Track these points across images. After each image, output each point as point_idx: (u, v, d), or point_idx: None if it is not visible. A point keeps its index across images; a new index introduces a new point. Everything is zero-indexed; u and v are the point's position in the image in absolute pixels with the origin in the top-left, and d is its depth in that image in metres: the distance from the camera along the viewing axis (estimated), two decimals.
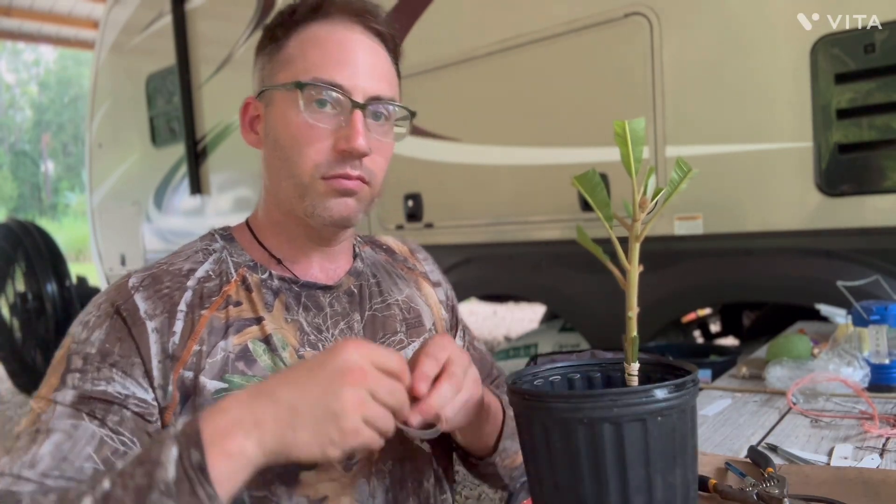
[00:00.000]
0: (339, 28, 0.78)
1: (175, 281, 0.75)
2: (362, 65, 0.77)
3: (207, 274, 0.78)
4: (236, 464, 0.56)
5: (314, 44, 0.77)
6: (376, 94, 0.77)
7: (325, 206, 0.76)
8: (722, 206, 1.99)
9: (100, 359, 0.69)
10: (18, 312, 4.59)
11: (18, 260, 4.54)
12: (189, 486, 0.53)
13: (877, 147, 1.75)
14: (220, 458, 0.55)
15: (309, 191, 0.76)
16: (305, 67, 0.76)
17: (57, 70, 28.34)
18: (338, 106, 0.76)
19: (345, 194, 0.76)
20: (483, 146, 2.52)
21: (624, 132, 0.56)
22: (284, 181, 0.78)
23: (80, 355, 0.69)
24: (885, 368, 1.17)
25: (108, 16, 4.46)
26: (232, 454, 0.55)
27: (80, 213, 20.27)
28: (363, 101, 0.76)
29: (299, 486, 0.73)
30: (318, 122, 0.75)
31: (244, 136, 0.84)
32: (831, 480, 0.78)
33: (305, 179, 0.76)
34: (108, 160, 4.58)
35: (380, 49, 0.80)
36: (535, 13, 2.34)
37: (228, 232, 0.85)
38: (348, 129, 0.75)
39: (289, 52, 0.78)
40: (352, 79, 0.76)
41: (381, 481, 0.79)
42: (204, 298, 0.75)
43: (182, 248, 0.82)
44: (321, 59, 0.76)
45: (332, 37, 0.77)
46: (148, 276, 0.75)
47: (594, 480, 0.56)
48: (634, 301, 0.58)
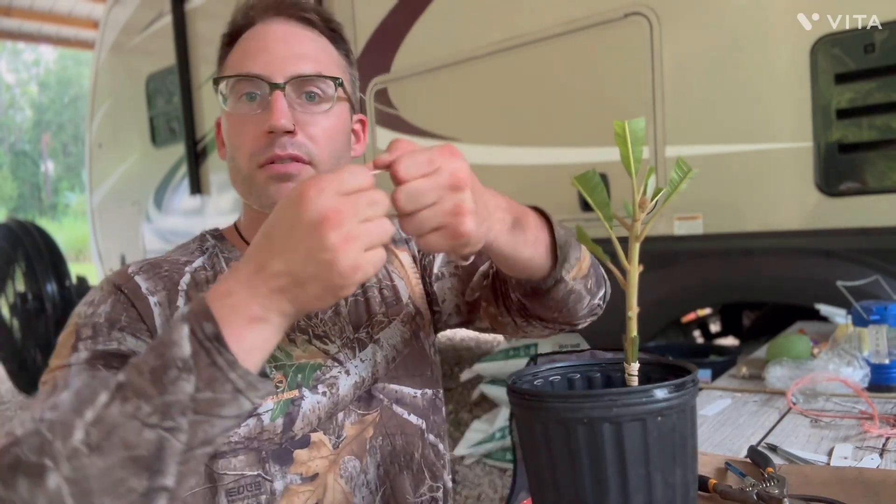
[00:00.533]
0: (261, 27, 0.81)
1: (174, 267, 0.79)
2: (280, 50, 0.78)
3: (203, 265, 0.81)
4: (256, 330, 0.54)
5: (240, 49, 0.81)
6: (297, 73, 0.77)
7: (268, 194, 0.77)
8: (722, 206, 1.99)
9: (109, 325, 0.70)
10: (18, 312, 4.59)
11: (18, 260, 4.54)
12: (207, 358, 0.52)
13: (877, 147, 1.75)
14: (238, 329, 0.53)
15: (252, 183, 0.78)
16: (231, 69, 0.80)
17: (57, 70, 28.33)
18: (260, 92, 0.77)
19: (282, 179, 0.76)
20: (483, 146, 2.52)
21: (624, 132, 0.56)
22: (238, 183, 0.81)
23: (88, 326, 0.70)
24: (885, 368, 1.17)
25: (108, 16, 4.46)
26: (253, 320, 0.54)
27: (80, 213, 20.27)
28: (282, 82, 0.77)
29: (292, 465, 0.76)
30: (247, 114, 0.77)
31: (220, 154, 0.87)
32: (831, 480, 0.78)
33: (246, 172, 0.78)
34: (108, 160, 4.58)
35: (304, 32, 0.82)
36: (535, 13, 2.34)
37: (219, 232, 0.88)
38: (268, 111, 0.76)
39: (227, 65, 0.82)
40: (268, 66, 0.77)
41: (373, 457, 0.81)
42: (200, 284, 0.78)
43: (175, 247, 0.85)
44: (241, 56, 0.79)
45: (252, 35, 0.80)
46: (146, 263, 0.78)
47: (594, 480, 0.56)
48: (634, 301, 0.58)
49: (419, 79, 2.66)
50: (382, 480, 0.82)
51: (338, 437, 0.79)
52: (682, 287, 2.10)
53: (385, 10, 2.71)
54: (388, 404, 0.84)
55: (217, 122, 0.87)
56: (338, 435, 0.79)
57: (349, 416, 0.81)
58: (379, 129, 2.80)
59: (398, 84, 2.73)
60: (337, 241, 0.52)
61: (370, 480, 0.81)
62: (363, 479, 0.80)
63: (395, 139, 0.59)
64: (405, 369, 0.87)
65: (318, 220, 0.52)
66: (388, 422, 0.83)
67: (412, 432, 0.86)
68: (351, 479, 0.79)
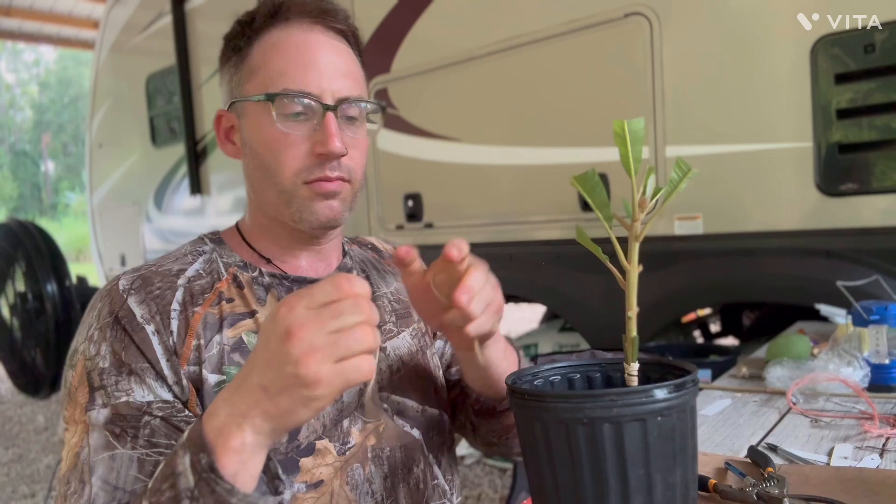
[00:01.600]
0: (299, 31, 0.79)
1: (165, 281, 0.76)
2: (327, 66, 0.78)
3: (198, 273, 0.79)
4: (243, 455, 0.57)
5: (277, 51, 0.78)
6: (345, 94, 0.78)
7: (311, 210, 0.78)
8: (722, 206, 1.98)
9: (115, 371, 0.71)
10: (18, 312, 4.58)
11: (18, 260, 4.54)
12: (208, 487, 0.56)
13: (877, 147, 1.75)
14: (227, 455, 0.57)
15: (293, 197, 0.78)
16: (271, 77, 0.77)
17: (57, 70, 28.33)
18: (309, 111, 0.77)
19: (328, 196, 0.78)
20: (483, 146, 2.52)
21: (623, 132, 0.56)
22: (268, 190, 0.79)
23: (96, 371, 0.71)
24: (885, 368, 1.17)
25: (108, 16, 4.46)
26: (236, 449, 0.57)
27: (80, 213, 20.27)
28: (333, 103, 0.77)
29: (299, 473, 0.76)
30: (293, 130, 0.77)
31: (221, 147, 0.85)
32: (831, 480, 0.78)
33: (288, 186, 0.78)
34: (108, 160, 4.58)
35: (342, 47, 0.81)
36: (535, 13, 2.34)
37: (217, 235, 0.86)
38: (322, 134, 0.76)
39: (253, 61, 0.79)
40: (319, 82, 0.77)
41: (379, 467, 0.81)
42: (195, 296, 0.77)
43: (172, 252, 0.83)
44: (285, 65, 0.77)
45: (293, 41, 0.78)
46: (138, 278, 0.76)
47: (594, 480, 0.56)
48: (634, 301, 0.58)
49: (419, 79, 2.66)
50: (389, 492, 0.81)
51: (343, 443, 0.79)
52: (682, 287, 2.10)
53: (385, 10, 2.71)
54: (391, 414, 0.84)
55: (218, 116, 0.85)
56: (343, 442, 0.79)
57: (355, 423, 0.80)
58: (379, 129, 2.80)
59: (398, 84, 2.73)
60: (298, 354, 0.54)
61: (376, 490, 0.80)
62: (368, 489, 0.79)
63: (457, 242, 0.66)
64: (410, 381, 0.87)
65: (284, 333, 0.55)
66: (391, 432, 0.83)
67: (412, 445, 0.85)
68: (357, 487, 0.79)
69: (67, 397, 0.72)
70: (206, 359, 0.74)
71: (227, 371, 0.74)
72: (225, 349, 0.75)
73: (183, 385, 0.72)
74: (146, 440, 0.69)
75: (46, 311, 4.38)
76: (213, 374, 0.73)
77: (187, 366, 0.73)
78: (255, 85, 0.79)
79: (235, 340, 0.76)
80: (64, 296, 4.42)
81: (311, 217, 0.78)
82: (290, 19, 0.79)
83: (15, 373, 4.84)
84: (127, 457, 0.68)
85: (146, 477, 0.67)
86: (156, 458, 0.68)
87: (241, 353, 0.75)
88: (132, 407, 0.69)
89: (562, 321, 3.09)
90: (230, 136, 0.84)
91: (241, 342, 0.76)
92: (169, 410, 0.71)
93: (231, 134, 0.84)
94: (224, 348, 0.75)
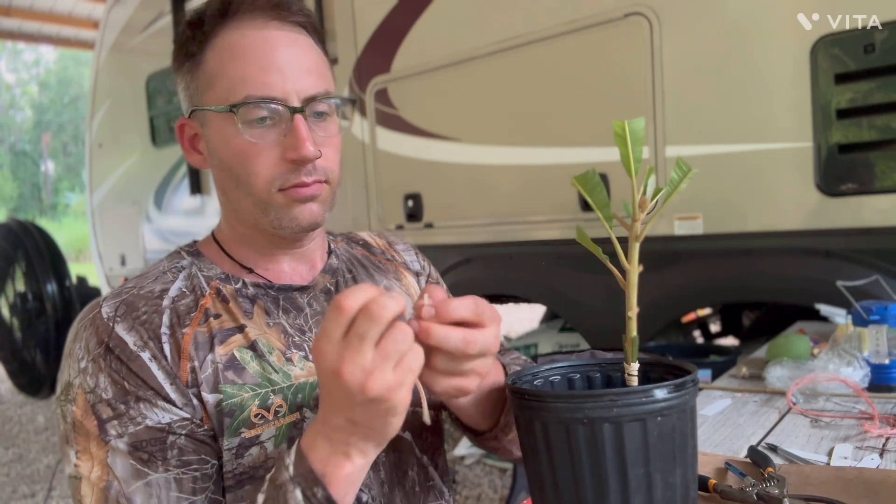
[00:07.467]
0: (253, 30, 0.74)
1: (150, 304, 0.73)
2: (288, 65, 0.73)
3: (181, 291, 0.76)
4: (352, 478, 0.60)
5: (232, 54, 0.73)
6: (311, 92, 0.74)
7: (291, 216, 0.75)
8: (722, 206, 1.98)
9: (121, 400, 0.68)
10: (18, 312, 4.59)
11: (18, 260, 4.54)
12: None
13: (877, 147, 1.75)
14: (338, 484, 0.59)
15: (269, 206, 0.75)
16: (231, 84, 0.72)
17: (57, 70, 28.33)
18: (276, 115, 0.73)
19: (307, 200, 0.75)
20: (483, 146, 2.52)
21: (624, 132, 0.56)
22: (243, 199, 0.76)
23: (102, 403, 0.68)
24: (885, 368, 1.17)
25: (108, 16, 4.46)
26: (346, 476, 0.60)
27: (80, 213, 20.26)
28: (300, 104, 0.73)
29: None
30: (260, 139, 0.73)
31: (187, 157, 0.81)
32: (831, 480, 0.78)
33: (263, 196, 0.74)
34: (108, 160, 4.58)
35: (302, 40, 0.76)
36: (535, 13, 2.34)
37: (195, 247, 0.83)
38: (293, 139, 0.72)
39: (209, 67, 0.74)
40: (282, 84, 0.72)
41: (376, 473, 0.79)
42: (182, 317, 0.74)
43: (149, 269, 0.79)
44: (244, 70, 0.72)
45: (248, 42, 0.73)
46: (121, 304, 0.73)
47: (594, 480, 0.56)
48: (634, 301, 0.58)
49: (419, 79, 2.66)
50: (386, 498, 0.80)
51: None
52: (682, 287, 2.10)
53: (385, 10, 2.71)
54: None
55: (180, 124, 0.80)
56: None
57: None
58: (379, 129, 2.80)
59: (398, 84, 2.73)
60: (359, 383, 0.55)
61: (375, 497, 0.79)
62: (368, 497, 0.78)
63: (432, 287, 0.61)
64: None
65: (333, 376, 0.56)
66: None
67: (404, 448, 0.84)
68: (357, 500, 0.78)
69: (73, 432, 0.69)
70: (202, 380, 0.71)
71: (223, 390, 0.72)
72: (219, 367, 0.73)
73: (194, 405, 0.71)
74: (177, 460, 0.67)
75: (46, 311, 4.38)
76: (211, 394, 0.72)
77: (187, 388, 0.71)
78: (214, 94, 0.74)
79: (228, 358, 0.74)
80: (64, 296, 4.43)
81: (290, 223, 0.75)
82: (240, 15, 0.74)
83: (15, 373, 4.84)
84: (163, 479, 0.66)
85: (188, 494, 0.66)
86: (192, 475, 0.67)
87: (234, 371, 0.73)
88: (153, 430, 0.68)
89: (562, 321, 3.09)
90: (195, 144, 0.80)
91: (233, 359, 0.74)
92: (190, 427, 0.70)
93: (196, 142, 0.80)
94: (218, 367, 0.73)
